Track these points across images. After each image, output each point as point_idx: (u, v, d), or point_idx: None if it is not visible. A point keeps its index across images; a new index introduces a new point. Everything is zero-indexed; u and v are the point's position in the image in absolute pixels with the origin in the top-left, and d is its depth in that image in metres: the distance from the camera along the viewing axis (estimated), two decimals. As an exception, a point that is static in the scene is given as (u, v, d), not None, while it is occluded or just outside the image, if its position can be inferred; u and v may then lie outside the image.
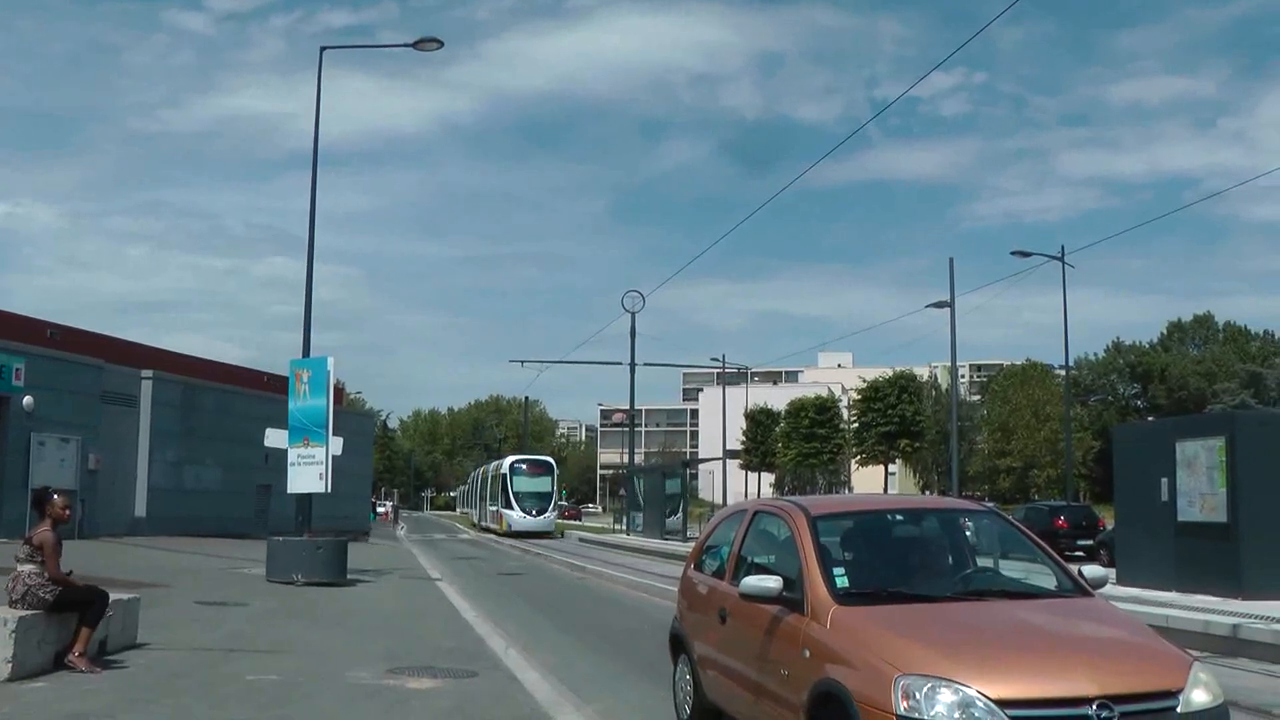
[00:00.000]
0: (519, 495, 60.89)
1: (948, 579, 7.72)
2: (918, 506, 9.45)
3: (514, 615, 18.99)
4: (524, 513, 59.94)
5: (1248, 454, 18.05)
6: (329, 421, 22.65)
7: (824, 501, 9.45)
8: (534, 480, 62.19)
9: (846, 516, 8.40)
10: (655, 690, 11.74)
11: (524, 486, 61.49)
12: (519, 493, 61.04)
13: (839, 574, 7.26)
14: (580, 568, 32.37)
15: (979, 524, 8.90)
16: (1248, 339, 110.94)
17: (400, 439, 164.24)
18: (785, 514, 8.12)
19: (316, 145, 25.55)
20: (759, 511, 8.97)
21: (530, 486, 61.60)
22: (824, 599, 6.93)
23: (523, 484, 61.67)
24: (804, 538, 7.55)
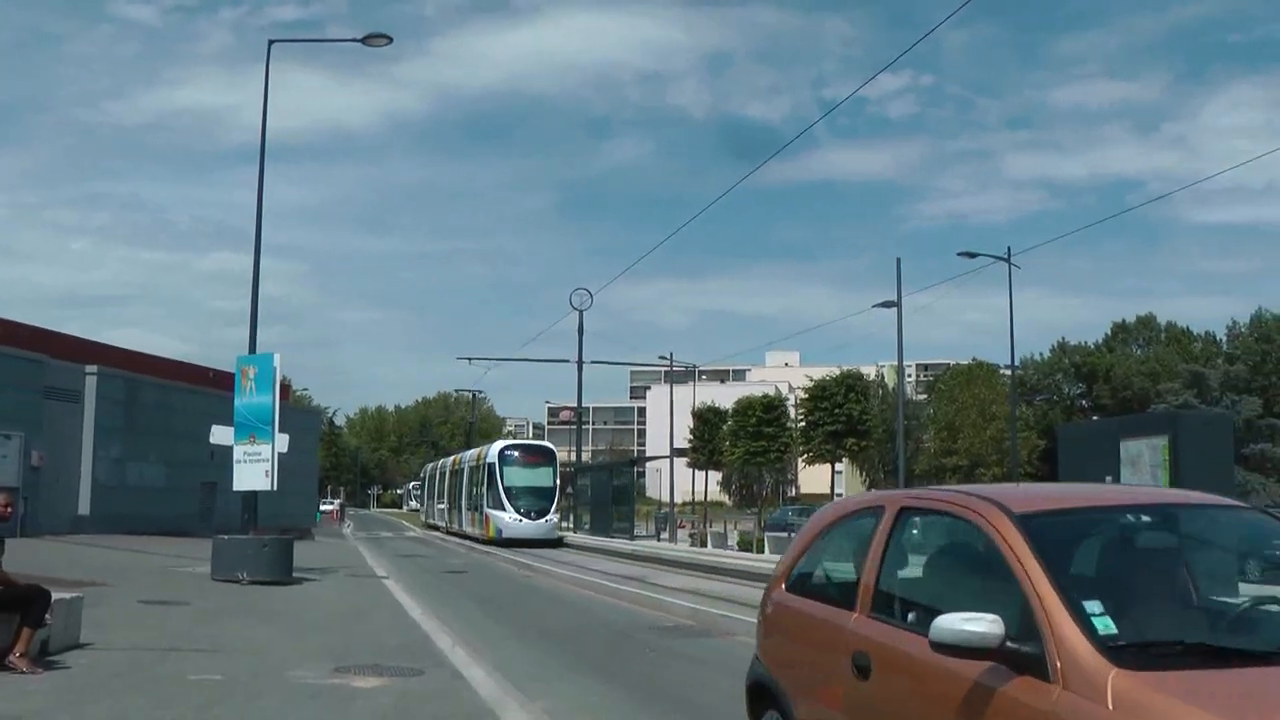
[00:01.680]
0: (512, 492, 47.46)
1: (1253, 621, 4.91)
2: (1163, 501, 6.38)
3: (460, 613, 18.96)
4: (519, 514, 46.70)
5: (1190, 452, 18.29)
6: (275, 418, 22.55)
7: (1024, 495, 5.88)
8: (531, 472, 48.92)
9: (1068, 517, 5.46)
10: (600, 687, 11.79)
11: (519, 480, 48.20)
12: (512, 488, 47.62)
13: (1095, 613, 4.50)
14: (527, 565, 32.33)
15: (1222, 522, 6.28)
16: (1190, 340, 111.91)
17: (347, 436, 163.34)
18: (971, 513, 5.31)
19: (264, 139, 25.38)
20: (908, 509, 6.07)
21: (527, 480, 48.35)
22: (1087, 658, 4.27)
23: (517, 476, 48.30)
24: (1021, 552, 4.81)
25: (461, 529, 54.91)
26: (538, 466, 49.42)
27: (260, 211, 25.00)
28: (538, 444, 55.21)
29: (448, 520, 60.82)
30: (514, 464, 48.85)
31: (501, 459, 48.84)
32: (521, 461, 49.47)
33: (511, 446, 51.30)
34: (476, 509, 50.58)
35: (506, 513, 46.71)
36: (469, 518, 53.06)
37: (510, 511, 46.70)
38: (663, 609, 19.71)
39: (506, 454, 49.62)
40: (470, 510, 52.65)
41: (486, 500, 48.33)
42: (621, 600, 21.94)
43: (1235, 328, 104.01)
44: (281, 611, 16.98)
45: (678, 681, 12.30)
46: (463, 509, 55.28)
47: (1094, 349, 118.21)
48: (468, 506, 53.38)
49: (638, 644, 15.48)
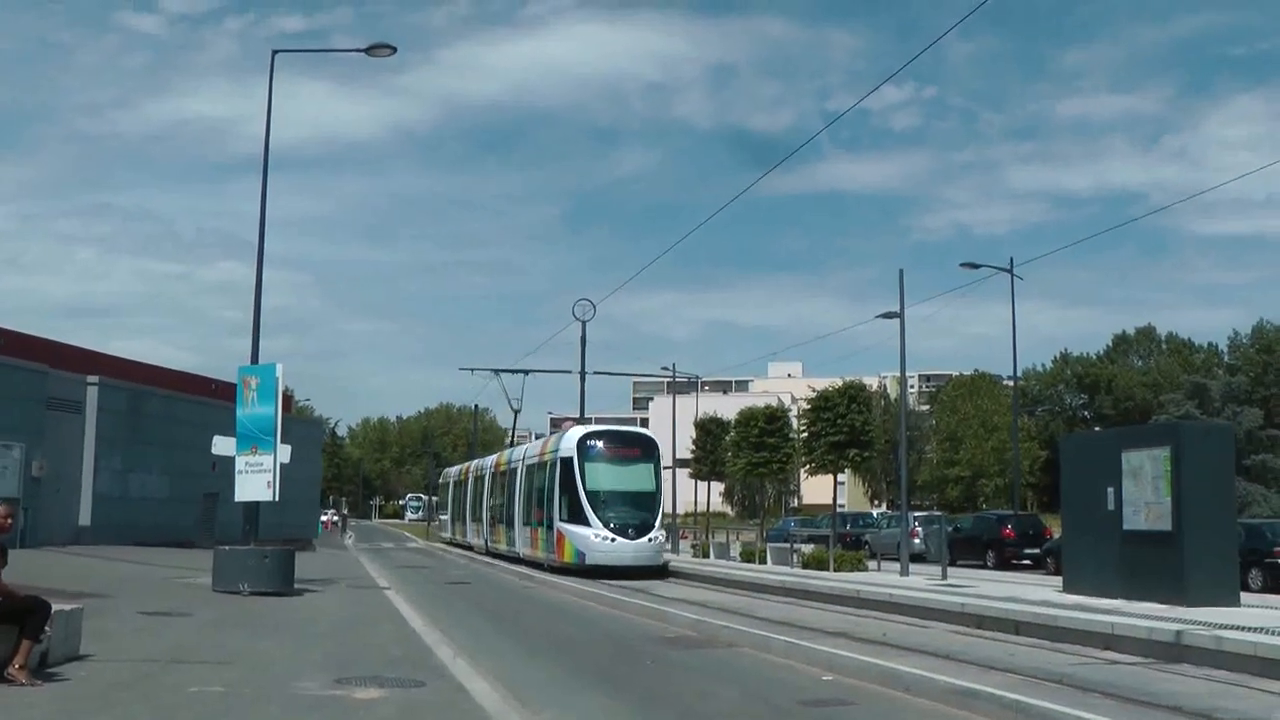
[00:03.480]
0: (600, 499, 34.01)
1: None
2: None
3: (462, 624, 18.92)
4: (610, 532, 33.16)
5: (1192, 464, 18.25)
6: (277, 429, 22.51)
7: None
8: (627, 470, 35.34)
9: None
10: (603, 699, 11.76)
11: (609, 481, 34.79)
12: (600, 494, 34.18)
13: None
14: (528, 576, 32.31)
15: None
16: (1192, 351, 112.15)
17: (349, 447, 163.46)
18: None
19: (267, 149, 25.39)
20: None
21: (621, 481, 35.01)
22: None
23: (606, 477, 34.82)
24: None
25: (513, 550, 40.41)
26: (635, 462, 35.46)
27: (263, 222, 24.98)
28: (633, 431, 39.74)
29: (489, 538, 46.80)
30: (601, 459, 34.94)
31: (583, 451, 34.68)
32: (612, 455, 35.36)
33: (596, 434, 36.26)
34: (542, 524, 36.37)
35: (591, 529, 33.07)
36: (528, 536, 38.44)
37: (597, 527, 33.10)
38: (665, 620, 19.68)
39: (590, 445, 35.08)
40: (531, 526, 38.20)
41: (559, 511, 34.37)
42: (624, 611, 21.90)
43: (1236, 339, 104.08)
44: (283, 623, 16.93)
45: (681, 692, 12.26)
46: (515, 524, 40.65)
47: (1096, 360, 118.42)
48: (526, 520, 39.03)
49: (640, 655, 15.44)
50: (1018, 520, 41.22)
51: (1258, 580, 27.55)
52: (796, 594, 24.44)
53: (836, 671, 13.39)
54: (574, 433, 35.88)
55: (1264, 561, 28.37)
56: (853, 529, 45.89)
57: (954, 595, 20.35)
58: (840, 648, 14.58)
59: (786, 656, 14.87)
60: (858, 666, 13.30)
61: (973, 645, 15.60)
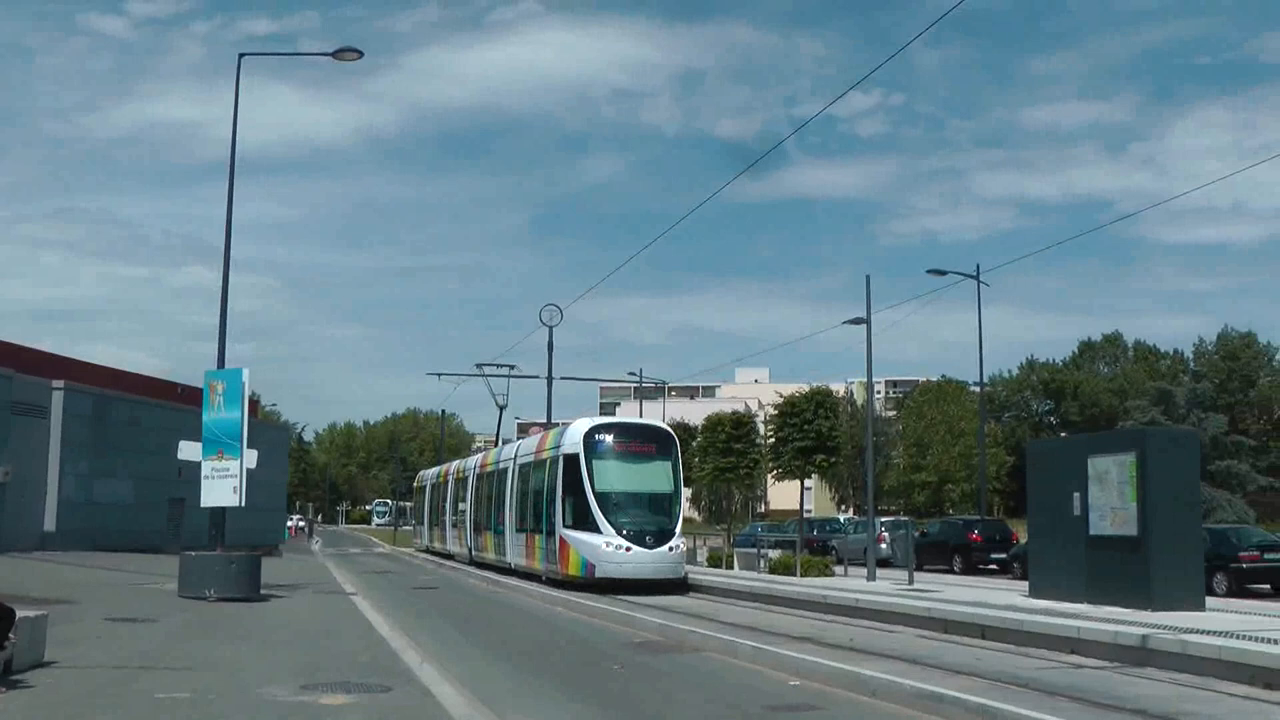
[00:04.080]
0: (611, 501, 29.34)
1: None
2: None
3: (429, 629, 18.90)
4: (623, 539, 28.43)
5: (1157, 469, 18.36)
6: (244, 434, 22.46)
7: None
8: (641, 469, 30.47)
9: None
10: (571, 703, 11.77)
11: (621, 481, 30.02)
12: (610, 495, 29.48)
13: None
14: (495, 581, 32.26)
15: None
16: (1158, 357, 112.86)
17: (316, 452, 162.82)
18: None
19: (234, 153, 25.34)
20: None
21: (634, 481, 30.22)
22: None
23: (618, 475, 30.06)
24: None
25: (503, 560, 36.16)
26: (651, 459, 30.61)
27: (229, 226, 24.90)
28: (648, 424, 34.30)
29: (474, 546, 42.00)
30: (612, 455, 30.13)
31: (591, 447, 29.87)
32: (625, 451, 30.44)
33: (605, 427, 31.33)
34: (540, 530, 31.83)
35: (602, 536, 28.43)
36: (522, 545, 33.92)
37: (609, 534, 28.42)
38: (632, 625, 19.70)
39: (599, 439, 30.24)
40: (526, 533, 33.67)
41: (562, 516, 29.69)
42: (591, 616, 21.92)
43: (1202, 346, 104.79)
44: (249, 629, 16.88)
45: (647, 697, 12.28)
46: (507, 531, 35.96)
47: (1062, 366, 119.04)
48: (520, 526, 34.49)
49: (607, 660, 15.44)
50: (984, 525, 41.46)
51: (1222, 585, 27.77)
52: (763, 599, 24.50)
53: (803, 676, 13.43)
54: (579, 426, 30.78)
55: (1229, 566, 28.62)
56: (819, 534, 46.01)
57: (920, 600, 20.41)
58: (807, 652, 14.63)
59: (753, 661, 14.91)
60: (824, 671, 13.35)
61: (939, 650, 15.67)
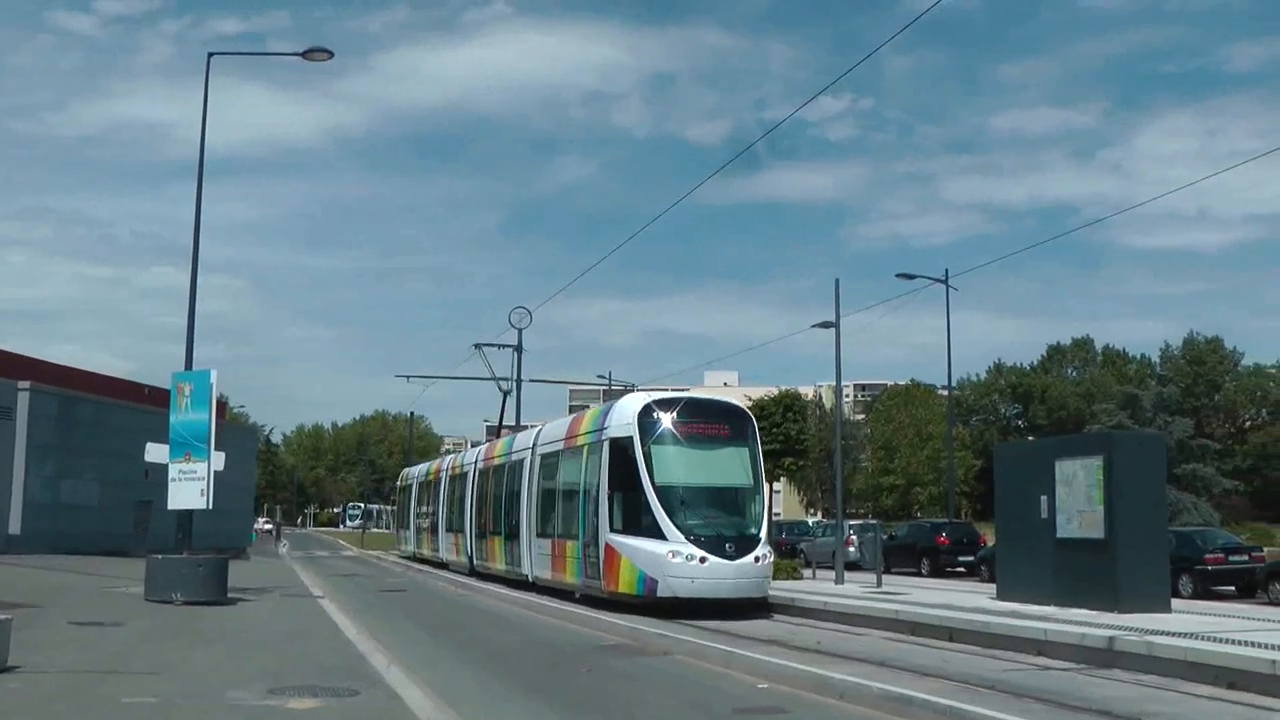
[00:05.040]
0: (676, 499, 22.64)
1: None
2: None
3: (396, 632, 18.84)
4: (697, 548, 21.76)
5: (1124, 472, 18.45)
6: (211, 436, 22.33)
7: None
8: (714, 456, 23.71)
9: None
10: (539, 708, 11.75)
11: (690, 473, 23.28)
12: (674, 490, 22.74)
13: None
14: (464, 584, 32.19)
15: None
16: (1125, 362, 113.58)
17: (284, 454, 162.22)
18: None
19: (203, 153, 25.17)
20: None
21: (707, 473, 23.58)
22: None
23: (686, 466, 23.28)
24: None
25: (517, 571, 29.50)
26: (723, 444, 23.67)
27: (198, 226, 24.77)
28: (716, 400, 26.17)
29: (475, 554, 35.39)
30: (674, 439, 23.14)
31: (648, 428, 23.06)
32: (691, 434, 23.38)
33: (666, 403, 23.88)
34: (575, 535, 24.88)
35: (668, 543, 21.72)
36: (549, 553, 26.60)
37: (676, 540, 21.72)
38: (601, 628, 19.69)
39: (656, 419, 23.24)
40: (553, 539, 26.54)
41: (610, 517, 23.11)
42: (560, 619, 21.88)
43: (1168, 350, 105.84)
44: (216, 632, 16.80)
45: (616, 701, 12.27)
46: (523, 536, 28.98)
47: (1030, 370, 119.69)
48: (544, 531, 27.48)
49: (577, 663, 15.43)
50: (952, 528, 41.67)
51: (1188, 587, 27.99)
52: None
53: (771, 679, 13.44)
54: (631, 403, 23.93)
55: (1194, 569, 28.88)
56: (788, 537, 46.06)
57: (888, 603, 20.46)
58: (775, 655, 14.65)
59: (722, 664, 14.92)
60: (792, 674, 13.37)
61: (907, 652, 15.72)
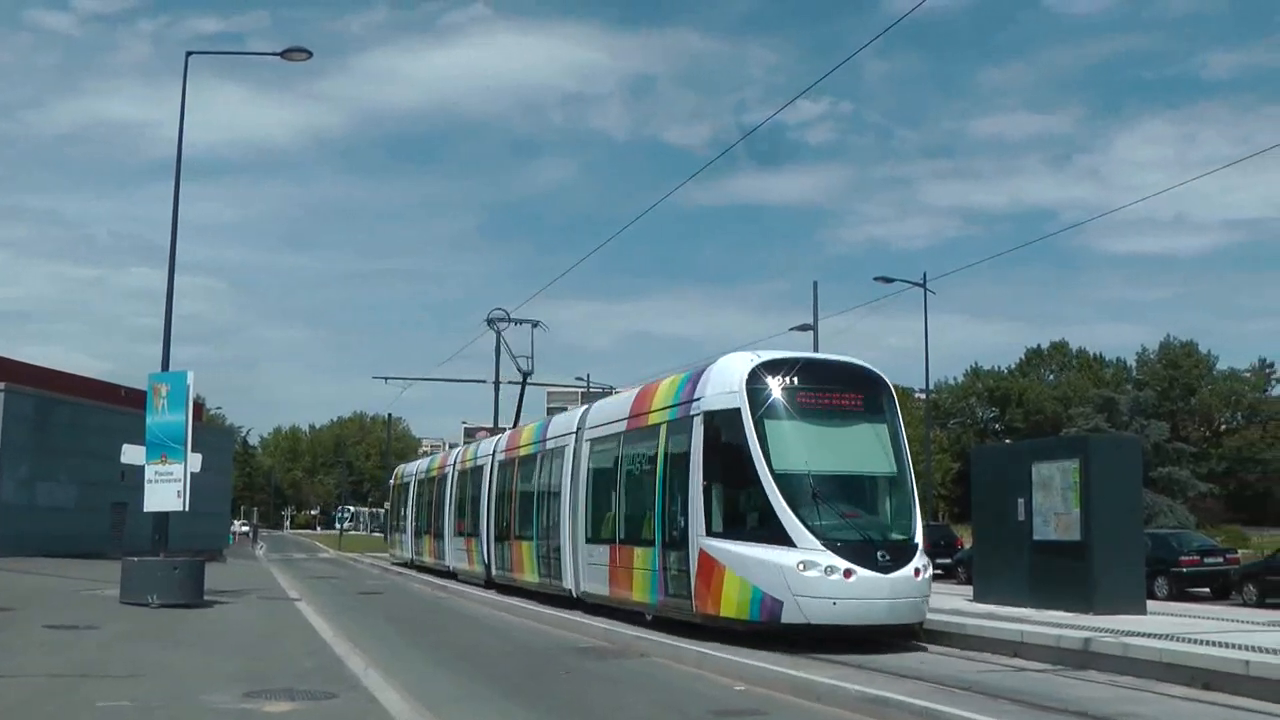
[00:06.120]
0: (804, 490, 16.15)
1: None
2: None
3: (374, 635, 18.78)
4: (839, 557, 15.51)
5: (1100, 475, 18.51)
6: (188, 438, 22.24)
7: None
8: (844, 435, 17.40)
9: None
10: (517, 710, 11.74)
11: (819, 457, 16.63)
12: (801, 479, 16.25)
13: None
14: (441, 586, 32.13)
15: None
16: (1101, 365, 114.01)
17: (261, 456, 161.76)
18: None
19: (180, 152, 25.14)
20: None
21: (837, 458, 17.03)
22: None
23: (811, 447, 16.66)
24: None
25: (558, 584, 23.41)
26: (859, 419, 17.84)
27: (175, 226, 24.78)
28: (844, 363, 18.73)
29: (494, 562, 29.07)
30: (796, 411, 17.06)
31: (759, 397, 16.91)
32: (816, 406, 17.39)
33: (780, 365, 17.37)
34: (650, 539, 19.05)
35: (795, 550, 15.75)
36: (607, 563, 20.86)
37: (809, 546, 15.75)
38: (579, 630, 19.66)
39: (768, 385, 17.04)
40: (613, 545, 20.77)
41: (704, 514, 17.15)
42: (538, 622, 21.85)
43: (1144, 354, 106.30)
44: (192, 635, 16.75)
45: (593, 704, 12.27)
46: (566, 541, 22.82)
47: (1007, 374, 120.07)
48: (597, 534, 21.63)
49: (554, 666, 15.43)
50: (930, 530, 41.53)
51: (1163, 589, 28.16)
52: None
53: (749, 681, 13.46)
54: (733, 365, 17.65)
55: (1169, 571, 29.05)
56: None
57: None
58: (752, 658, 14.65)
59: (699, 667, 14.93)
60: (770, 676, 13.38)
61: (883, 654, 15.72)
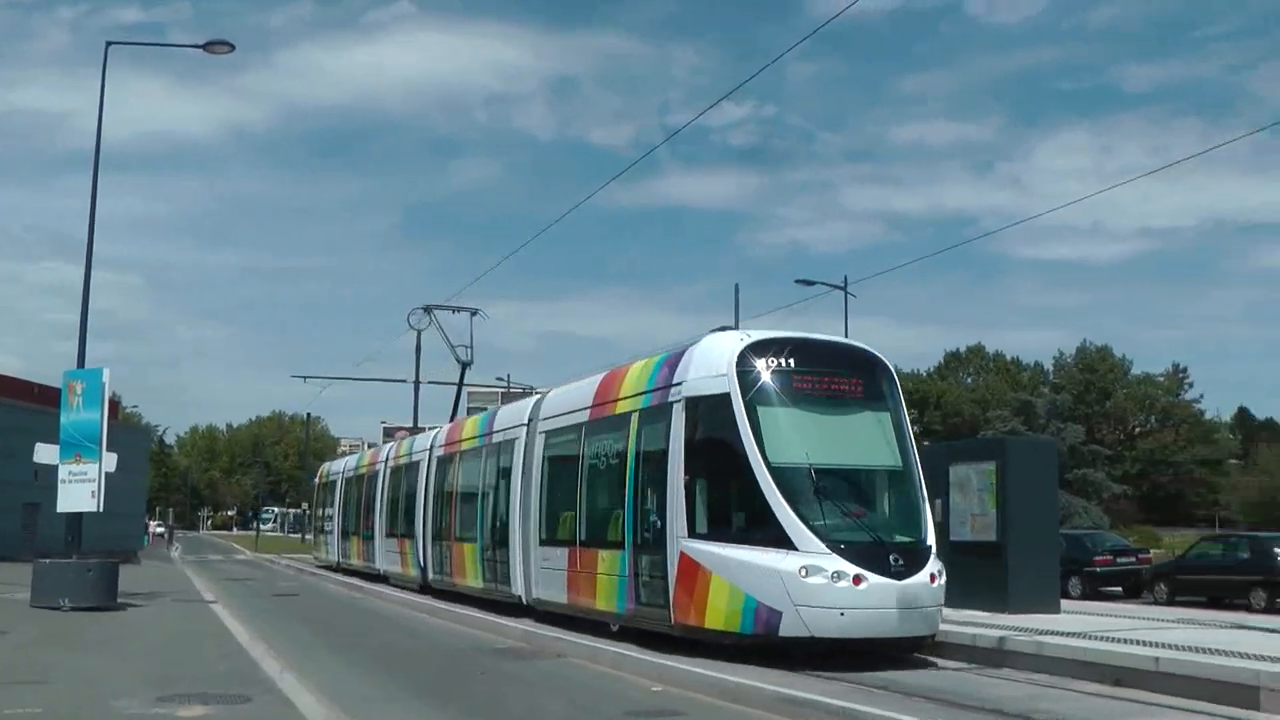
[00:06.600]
0: (804, 485, 14.35)
1: None
2: None
3: (289, 637, 18.62)
4: (845, 560, 13.75)
5: (1016, 477, 18.75)
6: (103, 437, 21.93)
7: None
8: (845, 423, 15.39)
9: None
10: (433, 711, 11.71)
11: (822, 448, 14.73)
12: (800, 473, 14.43)
13: None
14: (358, 587, 31.93)
15: None
16: (1019, 369, 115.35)
17: (177, 456, 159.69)
18: None
19: (99, 145, 24.65)
20: None
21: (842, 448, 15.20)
22: None
23: (810, 436, 14.79)
24: None
25: (503, 589, 21.80)
26: (860, 407, 15.75)
27: (93, 220, 24.38)
28: (840, 344, 17.21)
29: (431, 565, 27.19)
30: (791, 396, 15.10)
31: (749, 381, 14.93)
32: (813, 391, 15.35)
33: (770, 345, 15.37)
34: (622, 541, 16.78)
35: (796, 554, 13.85)
36: (566, 568, 18.84)
37: (810, 549, 13.85)
38: (497, 631, 19.61)
39: (759, 367, 15.05)
40: (580, 546, 18.46)
41: (691, 515, 15.17)
42: (456, 623, 21.77)
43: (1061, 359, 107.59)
44: (105, 639, 16.55)
45: (510, 705, 12.26)
46: (515, 543, 21.11)
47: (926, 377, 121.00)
48: (552, 536, 19.80)
49: (471, 667, 15.41)
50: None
51: (1077, 588, 28.63)
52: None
53: (666, 682, 13.48)
54: (719, 345, 15.79)
55: (1083, 570, 29.57)
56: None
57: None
58: (670, 659, 14.68)
59: (616, 668, 14.94)
60: (688, 677, 13.40)
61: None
